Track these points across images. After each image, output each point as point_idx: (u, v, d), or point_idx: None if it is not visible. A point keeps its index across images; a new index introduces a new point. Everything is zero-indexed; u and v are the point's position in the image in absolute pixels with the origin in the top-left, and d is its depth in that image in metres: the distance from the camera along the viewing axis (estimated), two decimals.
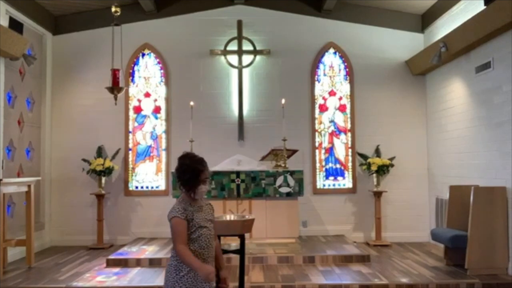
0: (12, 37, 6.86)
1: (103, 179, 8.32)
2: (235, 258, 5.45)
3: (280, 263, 6.62)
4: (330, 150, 8.85)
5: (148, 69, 8.91)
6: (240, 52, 8.78)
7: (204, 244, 3.21)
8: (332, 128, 8.87)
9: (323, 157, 8.84)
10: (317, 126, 8.84)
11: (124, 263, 6.61)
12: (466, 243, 5.98)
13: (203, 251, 3.20)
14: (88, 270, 6.45)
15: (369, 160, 8.41)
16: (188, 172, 3.24)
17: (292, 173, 7.36)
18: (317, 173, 8.76)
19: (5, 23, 7.00)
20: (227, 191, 7.30)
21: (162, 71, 8.87)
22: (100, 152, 8.46)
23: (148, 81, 8.90)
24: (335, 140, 8.86)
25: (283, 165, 7.54)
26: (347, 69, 8.89)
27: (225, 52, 8.79)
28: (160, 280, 5.62)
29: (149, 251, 7.17)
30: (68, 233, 8.45)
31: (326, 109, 8.90)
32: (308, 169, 8.59)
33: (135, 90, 8.87)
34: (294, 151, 7.97)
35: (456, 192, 6.62)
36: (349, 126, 8.82)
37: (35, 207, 7.26)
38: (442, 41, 7.25)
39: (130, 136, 8.80)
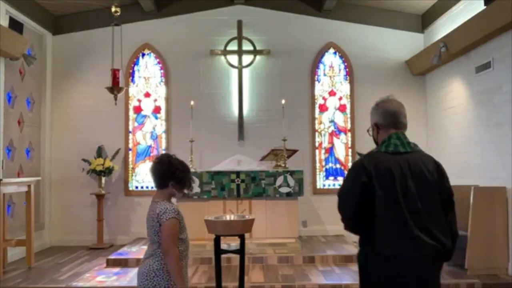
0: (12, 37, 6.86)
1: (103, 179, 8.32)
2: (235, 258, 5.45)
3: (280, 263, 6.61)
4: (330, 150, 8.86)
5: (148, 69, 8.91)
6: (240, 52, 8.78)
7: (188, 244, 3.20)
8: (332, 128, 8.87)
9: (323, 157, 8.84)
10: (317, 126, 8.85)
11: (124, 263, 6.61)
12: (466, 243, 5.97)
13: (187, 252, 3.18)
14: (88, 270, 6.45)
15: None
16: (184, 168, 3.19)
17: (292, 173, 7.36)
18: (317, 173, 8.76)
19: (5, 23, 7.00)
20: (227, 191, 7.29)
21: (162, 71, 8.87)
22: (100, 152, 8.46)
23: (148, 81, 8.90)
24: (335, 140, 8.86)
25: (283, 165, 7.53)
26: (347, 69, 8.90)
27: (225, 52, 8.79)
28: None
29: None
30: (68, 233, 8.44)
31: (326, 109, 8.90)
32: (308, 169, 8.59)
33: (135, 90, 8.87)
34: (294, 151, 7.97)
35: (456, 192, 6.54)
36: (349, 126, 8.83)
37: (35, 207, 7.25)
38: (442, 41, 7.25)
39: (130, 136, 8.80)
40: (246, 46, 8.82)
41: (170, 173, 3.10)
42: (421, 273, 2.46)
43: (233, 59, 8.81)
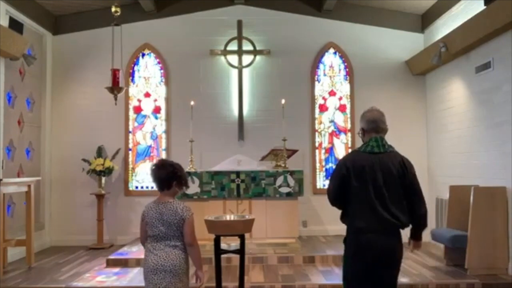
0: (12, 37, 6.86)
1: (103, 179, 8.32)
2: (235, 258, 5.46)
3: (280, 263, 6.62)
4: (330, 150, 8.86)
5: (148, 69, 8.91)
6: (240, 52, 8.78)
7: None
8: (332, 128, 8.87)
9: (323, 157, 8.84)
10: (317, 126, 8.85)
11: (124, 263, 6.61)
12: (466, 243, 5.98)
13: None
14: (88, 270, 6.45)
15: None
16: (181, 168, 3.63)
17: (292, 173, 7.35)
18: (317, 173, 8.76)
19: (5, 23, 7.00)
20: (227, 191, 7.29)
21: (162, 71, 8.87)
22: (100, 152, 8.46)
23: (148, 81, 8.90)
24: (335, 140, 8.86)
25: (283, 165, 7.53)
26: (347, 69, 8.90)
27: (225, 52, 8.79)
28: None
29: None
30: (68, 233, 8.45)
31: (326, 109, 8.90)
32: (308, 169, 8.59)
33: (135, 90, 8.88)
34: (294, 151, 7.97)
35: (456, 192, 6.62)
36: (349, 126, 8.83)
37: (35, 207, 7.25)
38: (442, 41, 7.25)
39: (130, 136, 8.80)
40: (246, 46, 8.82)
41: (173, 173, 3.52)
42: (384, 241, 3.27)
43: (233, 59, 8.81)
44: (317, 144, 8.83)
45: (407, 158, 3.49)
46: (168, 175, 3.50)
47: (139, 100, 8.88)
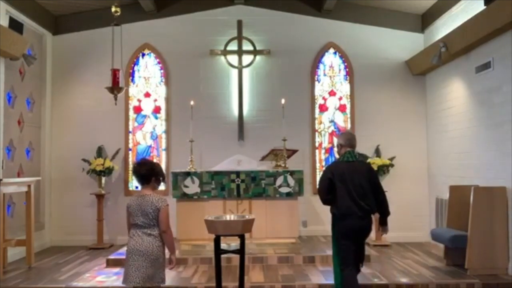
0: (12, 37, 6.86)
1: (103, 179, 8.32)
2: (235, 258, 5.46)
3: (280, 263, 6.62)
4: (330, 150, 8.86)
5: (148, 69, 8.91)
6: (240, 52, 8.78)
7: None
8: (332, 128, 8.87)
9: (323, 157, 8.84)
10: (317, 126, 8.85)
11: (124, 263, 6.59)
12: (466, 243, 5.98)
13: None
14: (88, 270, 6.46)
15: (369, 160, 8.40)
16: (159, 166, 4.22)
17: (292, 173, 7.35)
18: (317, 173, 8.75)
19: (5, 23, 7.00)
20: (227, 191, 7.29)
21: (162, 71, 8.87)
22: (100, 152, 8.46)
23: (148, 81, 8.90)
24: (335, 140, 8.86)
25: (283, 165, 7.53)
26: (347, 69, 8.90)
27: (225, 52, 8.79)
28: None
29: None
30: (68, 233, 8.45)
31: (326, 109, 8.90)
32: (308, 169, 8.59)
33: (135, 90, 8.88)
34: (294, 151, 7.96)
35: (456, 192, 6.62)
36: (349, 126, 8.82)
37: (35, 207, 7.26)
38: (442, 41, 7.25)
39: (130, 136, 8.80)
40: (246, 46, 8.82)
41: (152, 170, 4.05)
42: (361, 223, 4.65)
43: (233, 59, 8.81)
44: (317, 144, 8.83)
45: (370, 164, 5.39)
46: (148, 172, 4.02)
47: (139, 100, 8.88)
